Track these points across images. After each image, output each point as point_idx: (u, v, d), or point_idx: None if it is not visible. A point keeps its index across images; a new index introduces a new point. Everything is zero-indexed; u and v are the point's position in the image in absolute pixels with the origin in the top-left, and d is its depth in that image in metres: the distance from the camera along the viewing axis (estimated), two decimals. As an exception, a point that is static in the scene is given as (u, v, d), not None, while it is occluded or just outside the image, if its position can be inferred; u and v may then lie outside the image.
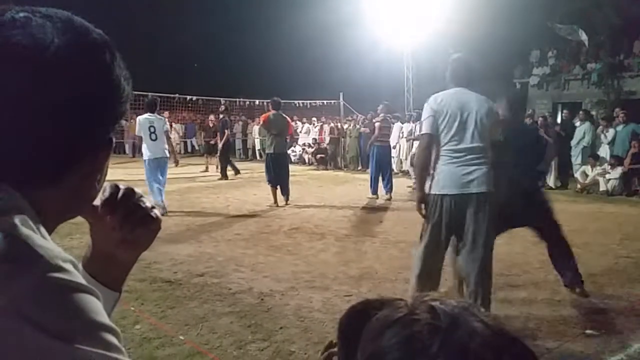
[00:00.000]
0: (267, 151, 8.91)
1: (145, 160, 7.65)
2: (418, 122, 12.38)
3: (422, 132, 3.48)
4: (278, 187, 8.64)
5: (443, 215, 3.33)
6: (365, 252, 5.68)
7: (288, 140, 9.55)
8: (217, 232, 6.53)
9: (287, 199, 8.74)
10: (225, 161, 12.55)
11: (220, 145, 12.43)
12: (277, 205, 8.55)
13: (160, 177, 7.69)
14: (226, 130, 12.32)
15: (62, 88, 0.57)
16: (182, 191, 10.35)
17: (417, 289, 3.34)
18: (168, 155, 7.81)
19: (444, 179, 3.34)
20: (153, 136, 7.55)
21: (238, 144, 20.86)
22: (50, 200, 0.61)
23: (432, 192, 3.39)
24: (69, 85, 0.57)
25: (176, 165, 8.42)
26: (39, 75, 0.55)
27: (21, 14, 0.58)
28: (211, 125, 14.75)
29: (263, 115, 9.62)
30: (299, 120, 18.66)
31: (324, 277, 4.68)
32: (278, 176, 8.61)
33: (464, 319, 0.51)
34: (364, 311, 0.60)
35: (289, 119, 9.14)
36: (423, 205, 3.42)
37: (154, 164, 7.58)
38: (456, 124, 3.32)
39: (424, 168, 3.43)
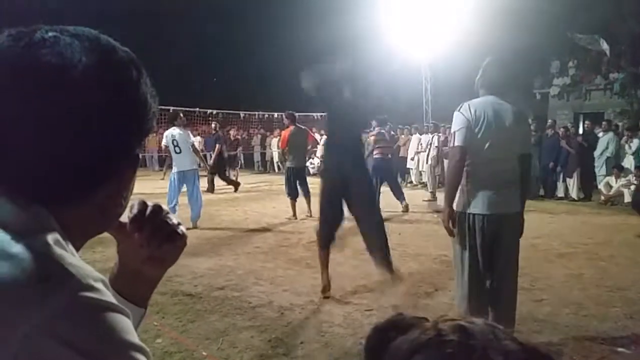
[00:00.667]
0: (287, 165, 8.96)
1: (172, 173, 7.84)
2: (435, 133, 12.33)
3: (455, 145, 3.16)
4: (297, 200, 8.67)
5: (476, 236, 3.11)
6: (385, 265, 5.63)
7: (309, 150, 9.66)
8: (236, 245, 6.56)
9: (309, 209, 8.66)
10: (213, 174, 12.39)
11: (211, 160, 12.52)
12: (296, 218, 8.55)
13: (191, 189, 7.81)
14: (217, 145, 12.35)
15: (90, 106, 0.57)
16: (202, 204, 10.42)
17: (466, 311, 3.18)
18: (196, 167, 7.92)
19: (476, 197, 3.11)
20: (177, 149, 7.70)
21: (257, 157, 21.02)
22: (78, 217, 0.62)
23: (462, 210, 3.16)
24: (97, 103, 0.58)
25: (206, 171, 8.59)
26: (68, 93, 0.56)
27: (50, 34, 0.59)
28: (232, 138, 14.90)
29: (282, 136, 9.51)
30: (317, 133, 18.71)
31: (343, 291, 4.65)
32: (301, 189, 8.68)
33: (496, 338, 0.50)
34: (388, 332, 0.58)
35: (307, 129, 9.23)
36: (451, 223, 3.19)
37: (180, 176, 7.72)
38: (491, 136, 3.07)
39: (455, 183, 3.16)
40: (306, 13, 23.21)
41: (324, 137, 9.35)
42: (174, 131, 7.73)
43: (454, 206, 3.20)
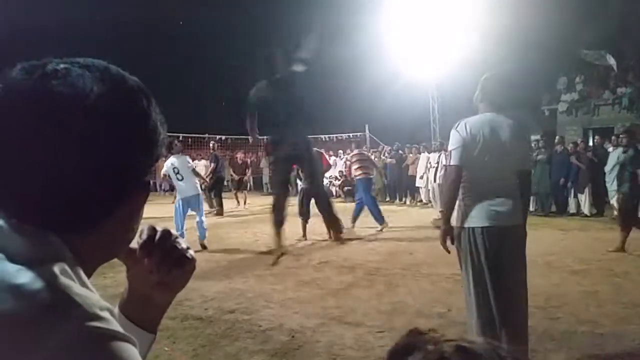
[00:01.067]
0: (301, 185, 9.01)
1: (177, 200, 7.97)
2: (442, 151, 12.32)
3: (451, 164, 3.19)
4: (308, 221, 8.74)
5: (479, 250, 3.09)
6: (396, 285, 5.58)
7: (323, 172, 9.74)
8: (246, 267, 6.54)
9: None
10: (217, 196, 12.49)
11: (207, 179, 12.60)
12: (306, 239, 8.56)
13: (196, 211, 7.94)
14: (212, 164, 12.45)
15: (102, 135, 0.58)
16: (211, 227, 10.41)
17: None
18: (199, 192, 8.02)
19: (475, 210, 3.12)
20: (179, 176, 7.83)
21: (265, 179, 21.10)
22: (89, 244, 0.62)
23: (461, 224, 3.17)
24: (109, 131, 0.59)
25: (206, 185, 8.73)
26: (80, 123, 0.57)
27: (62, 65, 0.61)
28: (240, 162, 14.99)
29: None
30: (325, 154, 18.81)
31: (354, 313, 4.60)
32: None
33: (499, 357, 0.51)
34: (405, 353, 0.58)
35: (322, 152, 9.32)
36: (449, 239, 3.23)
37: (184, 202, 7.84)
38: (488, 154, 3.09)
39: (451, 201, 3.18)
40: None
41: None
42: (173, 159, 7.86)
43: (452, 222, 3.20)
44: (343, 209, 13.99)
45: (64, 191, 0.58)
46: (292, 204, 8.93)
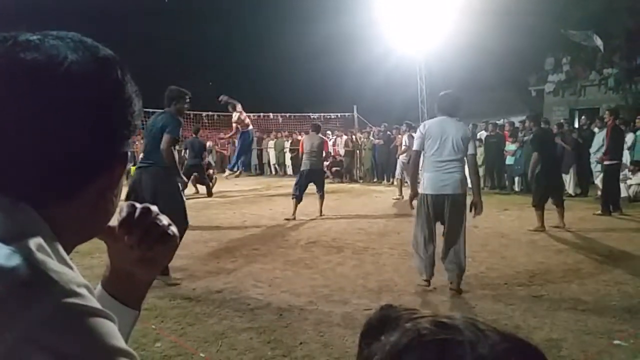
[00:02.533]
0: (301, 168, 9.15)
1: None
2: (408, 133, 12.38)
3: (413, 149, 4.84)
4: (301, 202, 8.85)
5: (430, 209, 4.57)
6: (383, 264, 5.64)
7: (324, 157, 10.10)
8: (234, 247, 6.55)
9: (321, 209, 9.06)
10: (192, 176, 12.22)
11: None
12: (294, 219, 8.61)
13: None
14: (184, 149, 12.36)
15: (76, 102, 0.58)
16: (199, 207, 10.41)
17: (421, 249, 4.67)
18: None
19: (428, 182, 4.58)
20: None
21: (254, 159, 21.02)
22: (68, 216, 0.61)
23: (420, 192, 4.66)
24: (83, 99, 0.58)
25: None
26: (54, 90, 0.57)
27: (35, 37, 0.60)
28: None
29: (301, 142, 10.35)
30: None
31: (342, 291, 4.65)
32: (317, 190, 9.02)
33: (479, 330, 0.50)
34: (380, 328, 0.58)
35: (325, 139, 9.66)
36: (414, 202, 4.73)
37: None
38: (437, 143, 4.52)
39: (414, 175, 4.94)
40: (300, 14, 23.21)
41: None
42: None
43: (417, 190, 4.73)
44: (333, 189, 14.05)
45: (37, 159, 0.57)
46: (280, 185, 8.95)
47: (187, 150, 12.18)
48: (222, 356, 3.31)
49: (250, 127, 12.32)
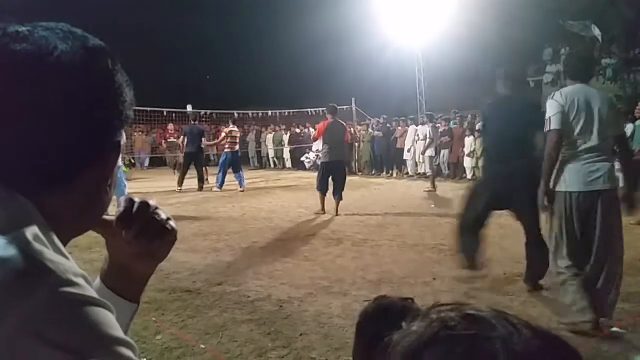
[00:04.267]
0: (322, 160, 8.61)
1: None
2: (430, 124, 12.31)
3: (551, 128, 3.40)
4: (326, 194, 8.46)
5: (573, 212, 3.37)
6: (382, 256, 5.65)
7: (346, 147, 9.65)
8: (234, 240, 6.56)
9: (337, 209, 8.36)
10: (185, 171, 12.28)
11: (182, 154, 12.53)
12: (324, 213, 8.31)
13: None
14: (182, 137, 12.39)
15: (67, 91, 0.58)
16: (199, 201, 10.43)
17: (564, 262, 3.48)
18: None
19: (570, 176, 3.39)
20: None
21: (252, 153, 21.02)
22: (63, 207, 0.61)
23: (558, 189, 3.43)
24: (73, 88, 0.59)
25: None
26: (44, 80, 0.57)
27: (24, 27, 0.60)
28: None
29: (318, 126, 9.28)
30: (312, 127, 18.74)
31: (342, 283, 4.66)
32: (335, 183, 8.44)
33: (512, 325, 0.47)
34: (379, 319, 0.56)
35: (345, 125, 8.93)
36: (546, 200, 3.47)
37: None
38: (582, 121, 3.34)
39: (552, 164, 3.42)
40: (298, 8, 23.10)
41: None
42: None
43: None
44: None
45: (29, 149, 0.57)
46: (278, 178, 8.94)
47: (186, 138, 12.23)
48: (222, 348, 3.32)
49: (237, 148, 12.27)
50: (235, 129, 12.32)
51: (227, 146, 12.06)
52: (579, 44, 18.47)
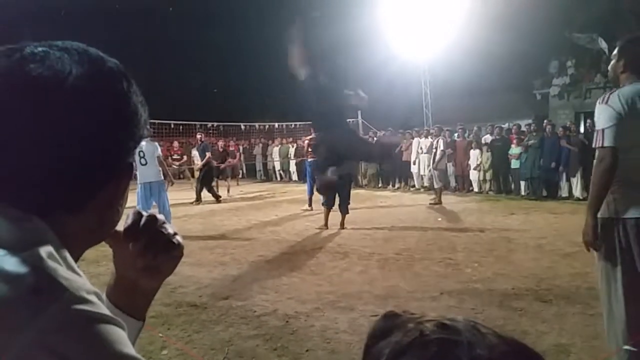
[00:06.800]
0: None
1: (138, 185, 7.93)
2: (439, 136, 12.28)
3: (606, 145, 2.56)
4: (332, 209, 8.37)
5: (631, 245, 2.56)
6: (389, 270, 5.62)
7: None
8: (240, 254, 6.55)
9: (342, 223, 8.35)
10: (202, 185, 12.42)
11: (199, 168, 12.54)
12: (327, 228, 8.30)
13: (156, 203, 7.94)
14: (207, 153, 12.38)
15: (82, 116, 0.58)
16: (205, 214, 10.44)
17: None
18: (161, 179, 8.12)
19: (626, 199, 2.58)
20: (143, 161, 7.85)
21: (258, 166, 21.07)
22: (75, 227, 0.62)
23: (610, 216, 2.64)
24: (89, 113, 0.59)
25: (171, 185, 9.15)
26: (59, 105, 0.57)
27: (40, 48, 0.60)
28: (220, 150, 15.20)
29: None
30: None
31: (348, 297, 4.63)
32: (341, 197, 8.33)
33: (479, 333, 0.51)
34: (386, 334, 0.58)
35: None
36: (593, 233, 2.65)
37: (145, 187, 7.88)
38: None
39: (604, 190, 2.60)
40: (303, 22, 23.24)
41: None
42: (142, 142, 7.81)
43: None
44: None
45: (44, 173, 0.58)
46: (285, 191, 8.94)
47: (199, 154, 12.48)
48: (228, 364, 3.30)
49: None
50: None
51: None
52: (586, 56, 18.50)
